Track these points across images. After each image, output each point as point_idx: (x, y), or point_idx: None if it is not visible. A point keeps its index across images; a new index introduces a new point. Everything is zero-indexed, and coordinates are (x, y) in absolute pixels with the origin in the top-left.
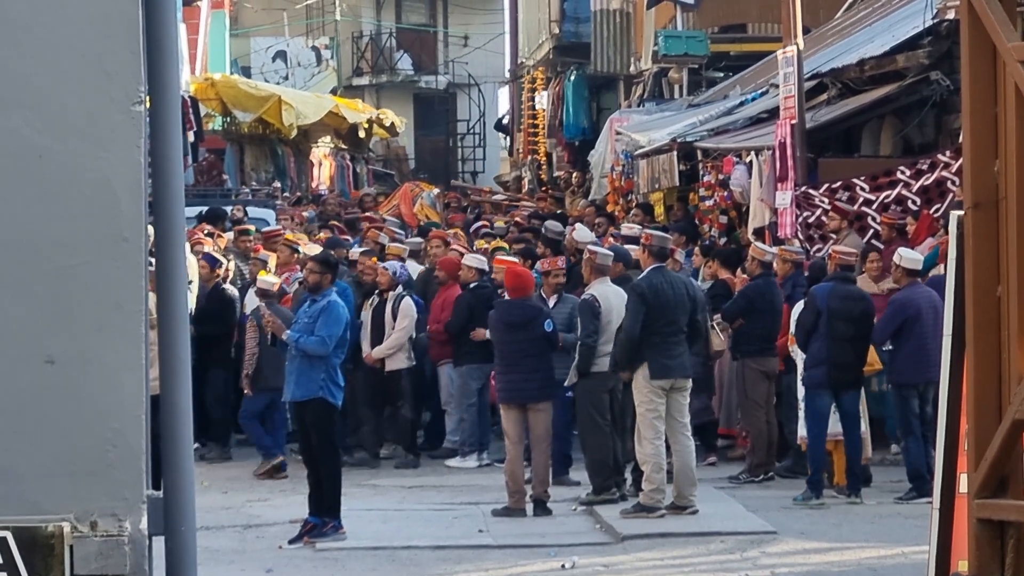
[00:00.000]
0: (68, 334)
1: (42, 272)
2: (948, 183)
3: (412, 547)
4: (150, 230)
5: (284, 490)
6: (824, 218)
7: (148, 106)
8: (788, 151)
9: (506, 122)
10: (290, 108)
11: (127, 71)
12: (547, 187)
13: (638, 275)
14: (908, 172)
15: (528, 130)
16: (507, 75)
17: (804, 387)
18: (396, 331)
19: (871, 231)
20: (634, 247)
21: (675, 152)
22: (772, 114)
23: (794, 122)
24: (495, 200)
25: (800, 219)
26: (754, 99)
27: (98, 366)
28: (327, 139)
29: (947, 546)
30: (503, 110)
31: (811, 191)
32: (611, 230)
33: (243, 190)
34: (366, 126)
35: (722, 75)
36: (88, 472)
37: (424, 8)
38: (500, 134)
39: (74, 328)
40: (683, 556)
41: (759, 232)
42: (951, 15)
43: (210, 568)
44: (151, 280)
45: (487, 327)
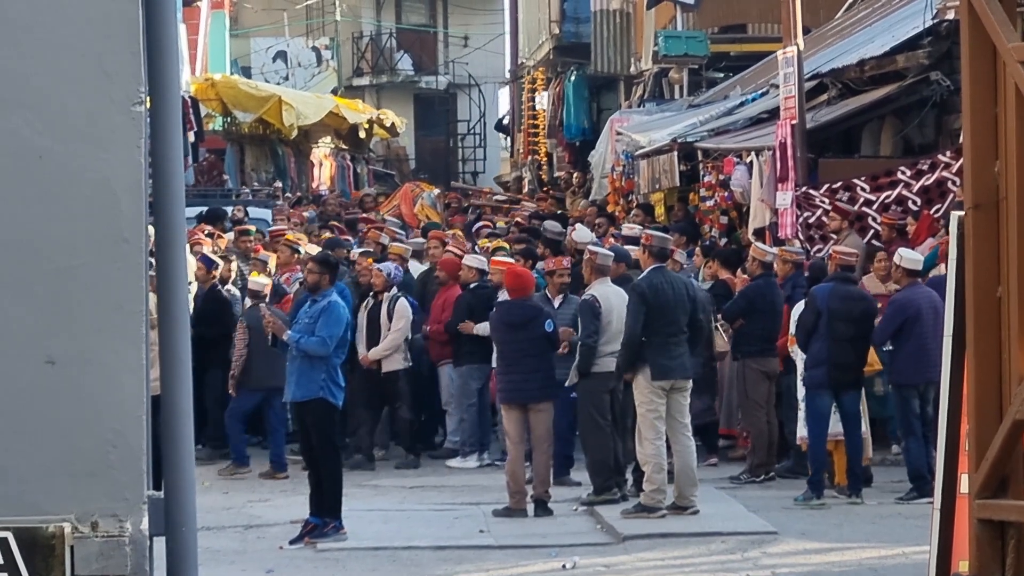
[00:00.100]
0: (68, 335)
1: (42, 273)
2: (948, 183)
3: (413, 547)
4: (150, 231)
5: (285, 490)
6: (824, 218)
7: (148, 106)
8: (788, 151)
9: (506, 122)
10: (290, 108)
11: (127, 71)
12: (548, 187)
13: (638, 275)
14: (908, 172)
15: (528, 130)
16: (507, 75)
17: (804, 387)
18: (392, 332)
19: (871, 231)
20: (635, 247)
21: (675, 152)
22: (772, 114)
23: (794, 122)
24: (495, 202)
25: (800, 219)
26: (754, 99)
27: (99, 367)
28: (327, 139)
29: (948, 546)
30: (503, 110)
31: (811, 191)
32: (611, 230)
33: (243, 190)
34: (366, 126)
35: (722, 75)
36: (89, 473)
37: (424, 8)
38: (500, 134)
39: (74, 329)
40: (684, 556)
41: (759, 232)
42: (951, 15)
43: (211, 568)
44: (151, 281)
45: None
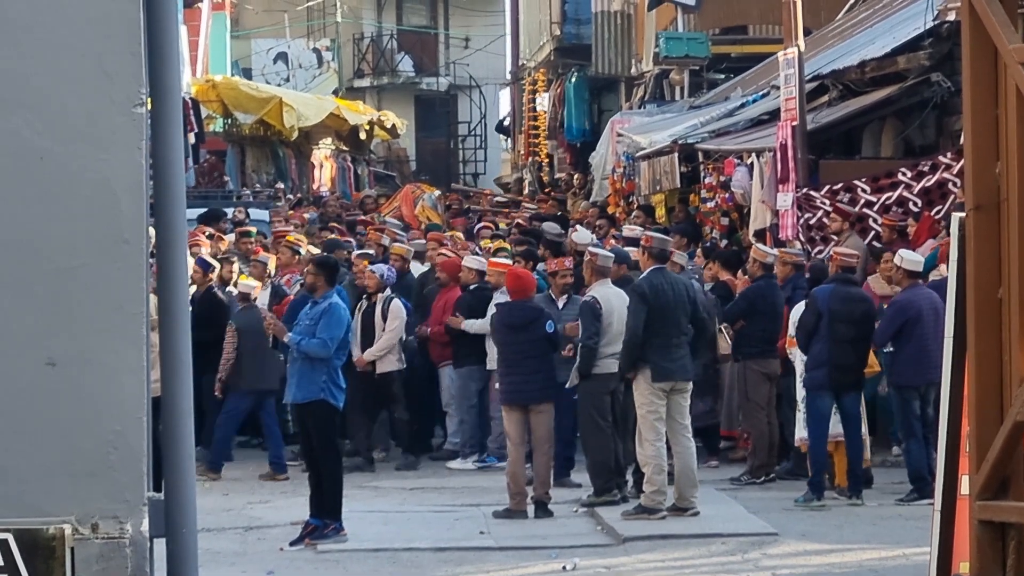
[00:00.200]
0: (69, 336)
1: (43, 274)
2: (949, 185)
3: (413, 549)
4: (151, 232)
5: (285, 492)
6: (825, 220)
7: (149, 108)
8: (789, 153)
9: (507, 124)
10: (291, 110)
11: (128, 73)
12: (549, 189)
13: (639, 277)
14: (909, 174)
15: (529, 132)
16: (508, 77)
17: (805, 389)
18: (387, 332)
19: (872, 233)
20: (635, 249)
21: (676, 154)
22: (773, 116)
23: (795, 124)
24: (495, 204)
25: (801, 221)
26: (755, 101)
27: (99, 368)
28: (328, 141)
29: (948, 548)
30: (504, 112)
31: (812, 193)
32: (612, 232)
33: (244, 192)
34: (367, 128)
35: (723, 77)
36: (89, 474)
37: (425, 10)
38: (501, 136)
39: (75, 330)
40: (684, 558)
41: (760, 234)
42: (952, 17)
43: (211, 570)
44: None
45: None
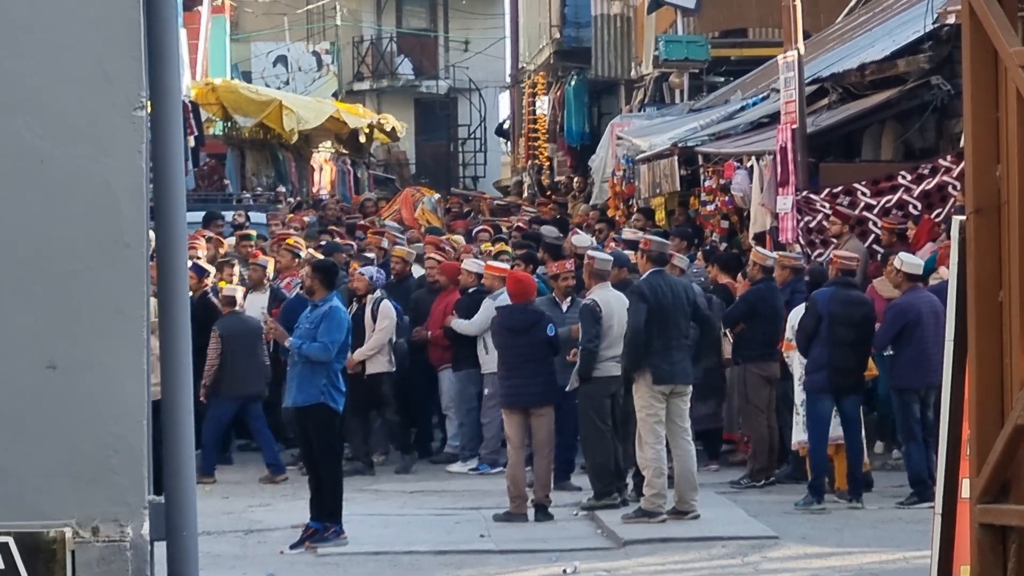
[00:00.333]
0: (70, 339)
1: (44, 277)
2: (949, 188)
3: (413, 552)
4: (151, 235)
5: (285, 495)
6: (825, 223)
7: (149, 111)
8: (789, 156)
9: (507, 127)
10: (291, 113)
11: (128, 76)
12: (550, 192)
13: (638, 279)
14: (909, 177)
15: (529, 135)
16: (508, 80)
17: (805, 392)
18: (376, 332)
19: (872, 236)
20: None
21: (676, 157)
22: (773, 119)
23: (795, 127)
24: (494, 208)
25: (801, 224)
26: (755, 104)
27: (100, 371)
28: (328, 144)
29: (949, 551)
30: (504, 115)
31: (812, 196)
32: (612, 235)
33: (244, 195)
34: (367, 131)
35: (723, 80)
36: (90, 477)
37: (425, 13)
38: (501, 139)
39: (76, 333)
40: (684, 561)
41: (760, 237)
42: (951, 20)
43: (212, 573)
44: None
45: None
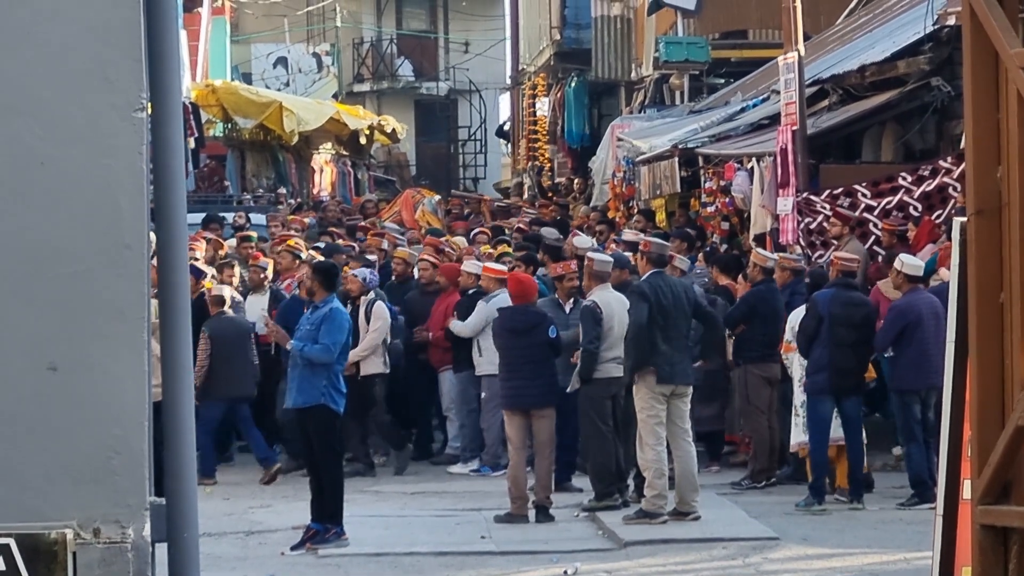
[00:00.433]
0: (70, 341)
1: (44, 279)
2: (949, 189)
3: (414, 553)
4: (152, 236)
5: (286, 496)
6: (825, 224)
7: (149, 112)
8: (789, 157)
9: (507, 128)
10: (291, 114)
11: (129, 78)
12: (551, 194)
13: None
14: (909, 178)
15: (529, 136)
16: (508, 81)
17: (806, 393)
18: (370, 333)
19: (872, 237)
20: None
21: (676, 158)
22: (773, 120)
23: (795, 128)
24: (495, 209)
25: (802, 225)
26: (755, 105)
27: (100, 373)
28: (328, 145)
29: (950, 552)
30: (504, 116)
31: (812, 197)
32: (612, 236)
33: (245, 196)
34: (367, 132)
35: (723, 81)
36: (91, 479)
37: (425, 14)
38: (501, 140)
39: (76, 335)
40: (685, 562)
41: (760, 238)
42: (952, 21)
43: (213, 574)
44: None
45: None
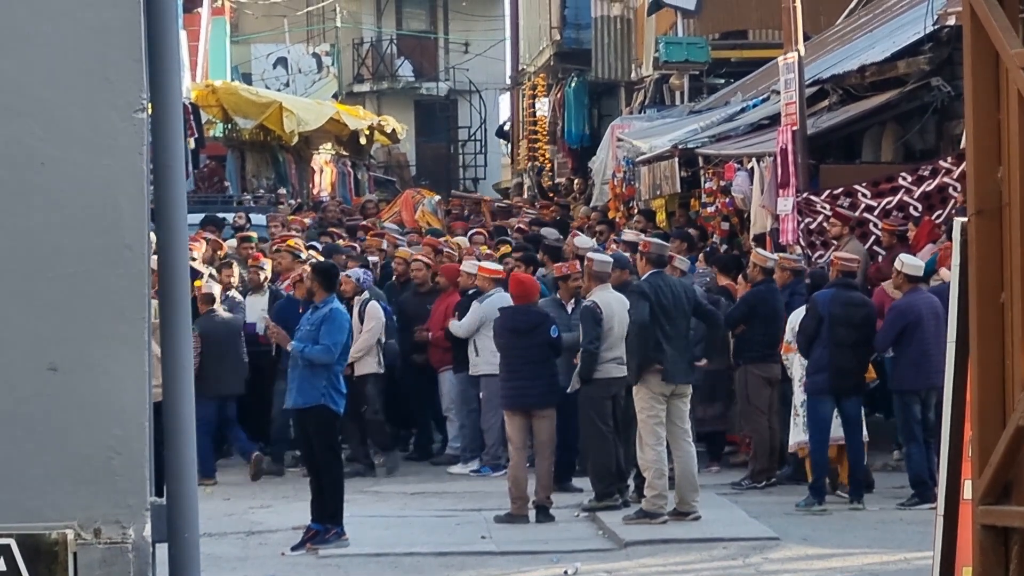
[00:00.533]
0: (71, 342)
1: (45, 279)
2: (949, 189)
3: (414, 553)
4: (152, 237)
5: (287, 497)
6: (825, 224)
7: (150, 113)
8: (789, 157)
9: (507, 129)
10: (291, 115)
11: (129, 78)
12: (552, 194)
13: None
14: (910, 178)
15: (529, 137)
16: (508, 82)
17: (806, 393)
18: (363, 333)
19: (872, 237)
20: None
21: (676, 158)
22: (773, 120)
23: (795, 128)
24: (495, 210)
25: (802, 225)
26: (755, 105)
27: (101, 373)
28: (328, 146)
29: (951, 553)
30: (504, 117)
31: (812, 197)
32: (612, 237)
33: (245, 197)
34: (367, 133)
35: (723, 81)
36: (91, 479)
37: (425, 15)
38: (501, 141)
39: (77, 335)
40: (686, 562)
41: (760, 238)
42: (952, 21)
43: (213, 574)
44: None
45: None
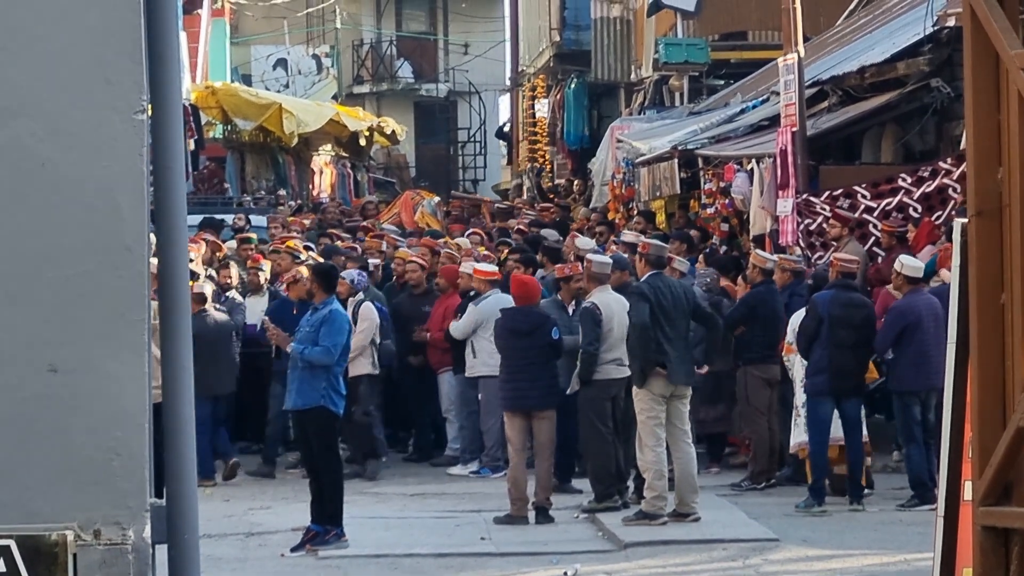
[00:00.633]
0: (71, 343)
1: (45, 281)
2: (949, 190)
3: (414, 555)
4: (152, 238)
5: (286, 498)
6: (825, 225)
7: (150, 114)
8: (789, 158)
9: (507, 130)
10: (291, 116)
11: (129, 80)
12: (552, 195)
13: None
14: (909, 179)
15: (529, 138)
16: (508, 83)
17: (806, 394)
18: (356, 334)
19: (872, 239)
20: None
21: (676, 160)
22: (773, 121)
23: (795, 129)
24: (495, 211)
25: (801, 226)
26: (755, 106)
27: (101, 375)
28: (328, 147)
29: (951, 553)
30: (504, 118)
31: (812, 198)
32: (612, 238)
33: (244, 198)
34: (367, 134)
35: (723, 83)
36: (91, 481)
37: (424, 16)
38: (501, 142)
39: (77, 337)
40: (685, 563)
41: (760, 239)
42: (951, 22)
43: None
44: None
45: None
